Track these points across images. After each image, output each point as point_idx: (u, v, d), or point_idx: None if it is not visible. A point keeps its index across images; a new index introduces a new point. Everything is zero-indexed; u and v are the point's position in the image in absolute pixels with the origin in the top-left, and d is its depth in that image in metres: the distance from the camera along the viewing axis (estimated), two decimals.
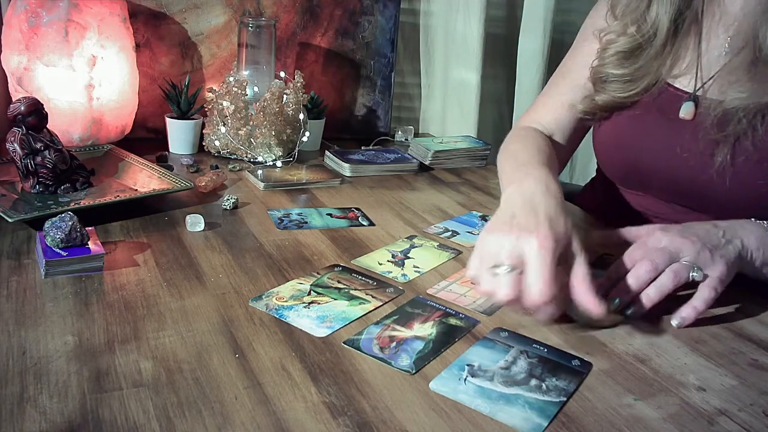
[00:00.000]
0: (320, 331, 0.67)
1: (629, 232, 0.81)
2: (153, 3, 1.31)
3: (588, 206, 1.14)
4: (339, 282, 0.79)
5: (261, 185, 1.12)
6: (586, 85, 1.02)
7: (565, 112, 1.05)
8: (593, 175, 1.22)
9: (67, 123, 1.15)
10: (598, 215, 1.10)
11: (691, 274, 0.72)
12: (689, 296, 0.74)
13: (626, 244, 0.79)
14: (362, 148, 1.40)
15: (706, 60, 0.93)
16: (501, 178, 0.88)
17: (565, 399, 0.59)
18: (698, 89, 0.92)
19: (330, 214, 1.02)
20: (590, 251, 0.71)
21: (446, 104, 1.66)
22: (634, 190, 1.03)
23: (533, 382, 0.61)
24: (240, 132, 1.24)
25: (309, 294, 0.75)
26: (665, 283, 0.72)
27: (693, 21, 0.95)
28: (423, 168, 1.31)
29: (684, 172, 0.91)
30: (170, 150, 1.29)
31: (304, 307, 0.72)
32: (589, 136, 1.11)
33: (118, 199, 0.94)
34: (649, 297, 0.72)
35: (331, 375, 0.60)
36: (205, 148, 1.29)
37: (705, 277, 0.73)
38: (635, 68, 0.96)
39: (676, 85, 0.95)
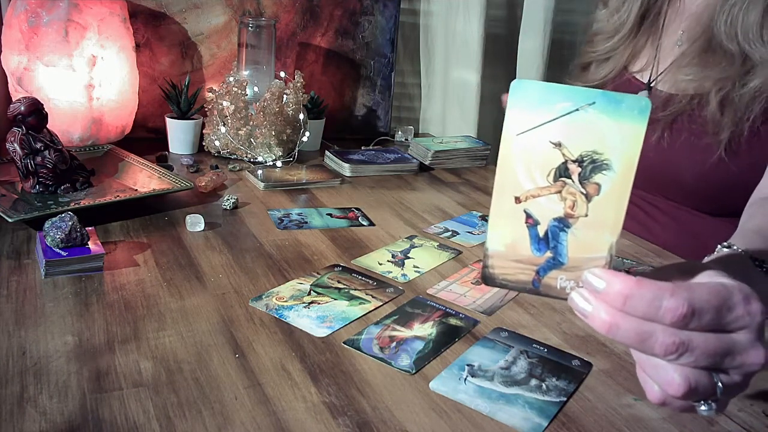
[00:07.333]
0: (320, 331, 0.67)
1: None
2: (153, 3, 1.31)
3: None
4: (339, 282, 0.79)
5: (261, 185, 1.12)
6: None
7: None
8: None
9: (67, 123, 1.15)
10: None
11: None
12: None
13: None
14: (362, 148, 1.40)
15: (663, 54, 1.03)
16: None
17: (565, 399, 0.59)
18: (653, 80, 1.02)
19: (330, 214, 1.02)
20: None
21: (446, 104, 1.66)
22: None
23: (533, 382, 0.61)
24: (240, 132, 1.24)
25: (309, 294, 0.75)
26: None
27: (656, 17, 1.05)
28: (423, 168, 1.31)
29: None
30: (170, 150, 1.29)
31: (304, 307, 0.72)
32: None
33: (118, 199, 0.94)
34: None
35: (331, 375, 0.60)
36: (205, 148, 1.29)
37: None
38: (607, 48, 1.07)
39: (638, 78, 1.05)
